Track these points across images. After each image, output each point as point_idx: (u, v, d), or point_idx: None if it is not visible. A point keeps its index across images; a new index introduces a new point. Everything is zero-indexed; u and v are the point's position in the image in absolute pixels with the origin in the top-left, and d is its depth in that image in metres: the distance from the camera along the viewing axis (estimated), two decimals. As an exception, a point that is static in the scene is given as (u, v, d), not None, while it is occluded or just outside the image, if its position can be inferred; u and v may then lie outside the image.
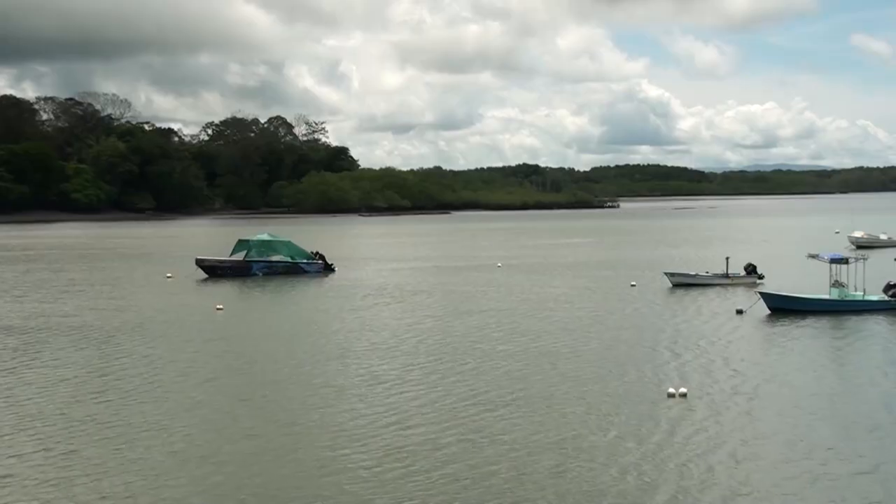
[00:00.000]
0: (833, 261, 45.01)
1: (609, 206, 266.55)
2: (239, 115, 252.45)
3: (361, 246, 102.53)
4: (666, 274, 56.96)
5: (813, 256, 47.60)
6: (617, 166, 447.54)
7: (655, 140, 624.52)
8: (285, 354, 34.24)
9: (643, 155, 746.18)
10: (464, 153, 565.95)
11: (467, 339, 37.09)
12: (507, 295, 52.03)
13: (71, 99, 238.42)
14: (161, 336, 39.03)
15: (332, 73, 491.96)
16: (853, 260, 45.43)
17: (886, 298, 43.60)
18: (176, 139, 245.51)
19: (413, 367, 31.30)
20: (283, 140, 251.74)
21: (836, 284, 44.00)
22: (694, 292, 51.74)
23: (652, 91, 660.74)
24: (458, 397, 26.81)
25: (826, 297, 43.81)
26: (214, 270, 66.41)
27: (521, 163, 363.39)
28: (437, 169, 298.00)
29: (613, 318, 42.62)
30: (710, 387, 27.86)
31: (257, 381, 29.60)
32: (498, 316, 43.54)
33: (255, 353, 34.78)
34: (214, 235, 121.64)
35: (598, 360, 32.09)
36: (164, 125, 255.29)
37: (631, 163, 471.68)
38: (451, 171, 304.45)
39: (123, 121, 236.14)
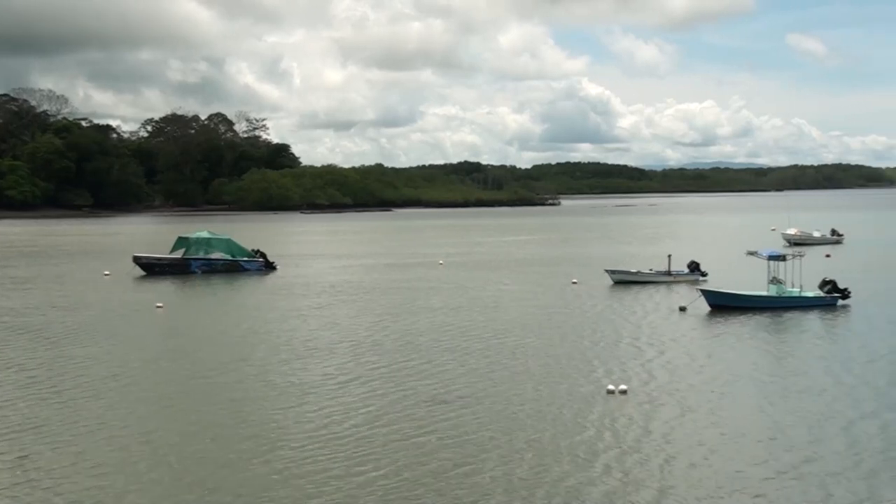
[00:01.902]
0: (771, 258, 45.66)
1: (550, 204, 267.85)
2: (179, 112, 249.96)
3: (303, 244, 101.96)
4: (607, 271, 57.27)
5: (752, 253, 48.19)
6: (558, 164, 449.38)
7: (596, 138, 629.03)
8: (228, 353, 33.92)
9: (584, 153, 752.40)
10: (405, 150, 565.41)
11: (408, 337, 37.02)
12: (448, 293, 52.03)
13: (5, 95, 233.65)
14: (101, 334, 38.51)
15: (274, 70, 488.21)
16: (790, 257, 46.17)
17: (822, 294, 44.37)
18: (114, 136, 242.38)
19: (355, 367, 31.18)
20: (223, 137, 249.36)
21: (774, 281, 44.65)
22: (636, 290, 52.13)
23: (592, 89, 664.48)
24: (400, 396, 26.74)
25: (765, 293, 44.42)
26: (152, 268, 65.70)
27: (462, 160, 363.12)
28: (379, 166, 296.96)
29: (554, 315, 42.78)
30: (650, 384, 28.07)
31: (201, 381, 29.27)
32: (438, 314, 43.51)
33: (198, 352, 34.43)
34: (154, 233, 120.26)
35: (539, 358, 32.18)
36: (103, 122, 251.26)
37: (571, 160, 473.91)
38: (393, 169, 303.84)
39: (60, 117, 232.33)
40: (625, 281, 55.52)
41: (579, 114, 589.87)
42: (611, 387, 26.96)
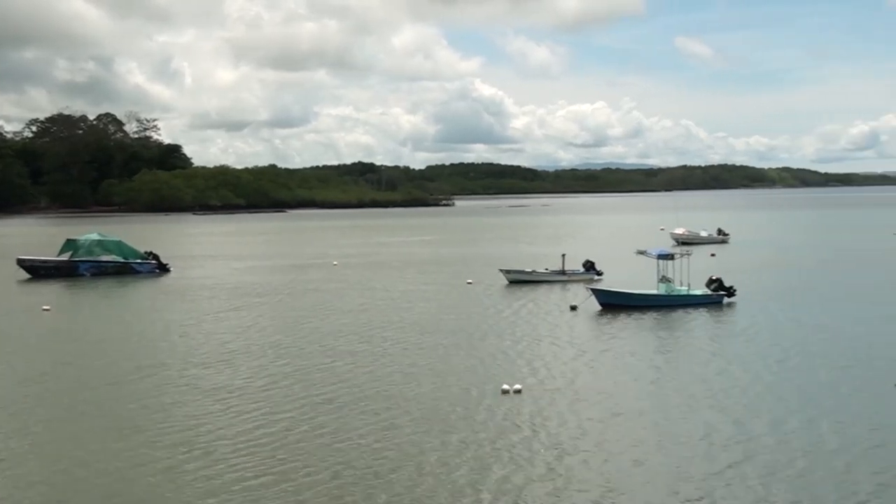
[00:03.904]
0: (660, 257, 46.59)
1: (444, 204, 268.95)
2: (66, 112, 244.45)
3: (196, 245, 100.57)
4: (502, 271, 57.71)
5: (641, 253, 49.06)
6: (451, 164, 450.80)
7: (489, 139, 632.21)
8: (116, 356, 33.32)
9: (477, 153, 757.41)
10: (299, 151, 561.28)
11: (306, 340, 36.86)
12: (343, 294, 51.91)
13: None
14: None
15: (164, 70, 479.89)
16: (678, 256, 47.18)
17: (709, 293, 45.45)
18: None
19: (246, 370, 30.95)
20: (113, 137, 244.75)
21: (664, 280, 45.58)
22: (530, 289, 52.64)
23: (486, 90, 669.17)
24: (300, 399, 26.65)
25: (654, 292, 45.32)
26: (38, 270, 64.22)
27: (356, 161, 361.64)
28: (273, 167, 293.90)
29: (449, 316, 43.02)
30: (543, 383, 28.44)
31: (89, 384, 28.70)
32: (335, 316, 43.40)
33: (86, 354, 33.79)
34: (39, 235, 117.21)
35: (434, 359, 32.36)
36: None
37: (465, 161, 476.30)
38: (287, 170, 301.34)
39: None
40: (519, 280, 56.02)
41: (473, 114, 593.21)
42: (505, 386, 27.26)
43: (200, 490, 18.79)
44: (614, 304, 44.08)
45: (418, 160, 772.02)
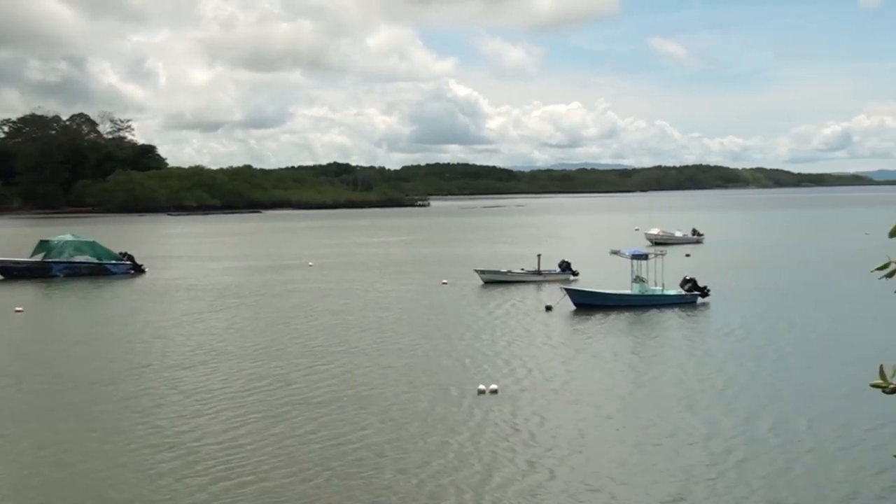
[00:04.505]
0: (634, 257, 46.81)
1: (420, 205, 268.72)
2: (39, 112, 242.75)
3: (171, 246, 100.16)
4: (477, 271, 57.76)
5: (615, 253, 49.26)
6: (427, 165, 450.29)
7: (464, 139, 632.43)
8: (92, 358, 33.22)
9: (452, 154, 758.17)
10: (274, 152, 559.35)
11: (281, 340, 36.86)
12: (320, 295, 51.90)
13: None
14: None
15: (138, 70, 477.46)
16: (652, 256, 47.41)
17: (683, 293, 45.69)
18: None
19: (226, 372, 30.96)
20: (86, 138, 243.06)
21: (638, 280, 45.78)
22: (505, 289, 52.75)
23: (460, 91, 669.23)
24: (275, 399, 26.70)
25: (628, 292, 45.52)
26: (9, 271, 63.81)
27: (331, 161, 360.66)
28: (248, 168, 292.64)
29: (425, 316, 43.11)
30: (518, 382, 28.59)
31: (66, 386, 28.64)
32: (311, 317, 43.40)
33: (61, 356, 33.66)
34: (11, 236, 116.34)
35: (410, 359, 32.46)
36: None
37: (441, 161, 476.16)
38: (262, 170, 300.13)
39: None
40: (495, 281, 56.07)
41: (448, 115, 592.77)
42: (482, 386, 27.37)
43: (185, 491, 18.81)
44: (589, 304, 44.26)
45: (394, 161, 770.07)
